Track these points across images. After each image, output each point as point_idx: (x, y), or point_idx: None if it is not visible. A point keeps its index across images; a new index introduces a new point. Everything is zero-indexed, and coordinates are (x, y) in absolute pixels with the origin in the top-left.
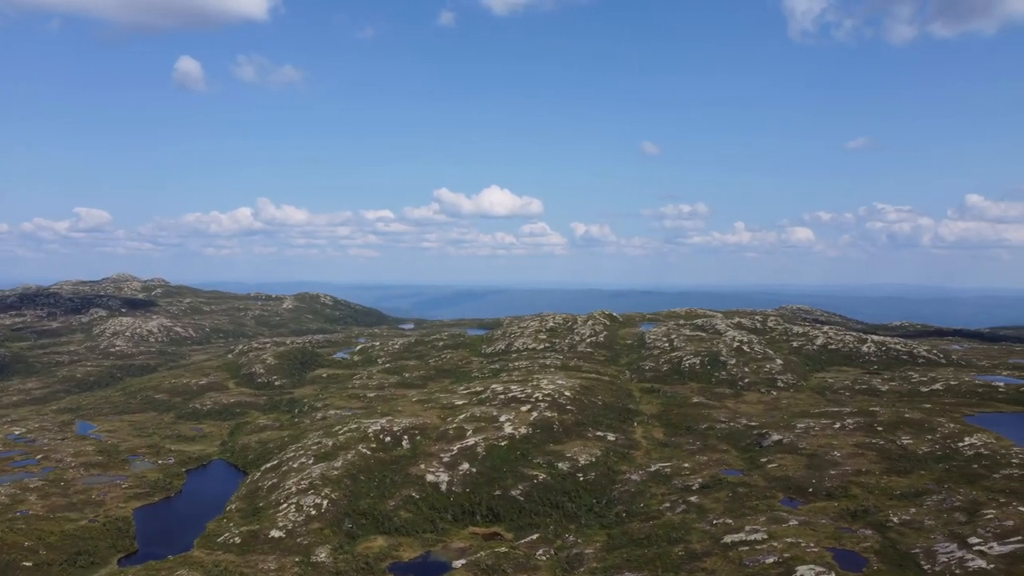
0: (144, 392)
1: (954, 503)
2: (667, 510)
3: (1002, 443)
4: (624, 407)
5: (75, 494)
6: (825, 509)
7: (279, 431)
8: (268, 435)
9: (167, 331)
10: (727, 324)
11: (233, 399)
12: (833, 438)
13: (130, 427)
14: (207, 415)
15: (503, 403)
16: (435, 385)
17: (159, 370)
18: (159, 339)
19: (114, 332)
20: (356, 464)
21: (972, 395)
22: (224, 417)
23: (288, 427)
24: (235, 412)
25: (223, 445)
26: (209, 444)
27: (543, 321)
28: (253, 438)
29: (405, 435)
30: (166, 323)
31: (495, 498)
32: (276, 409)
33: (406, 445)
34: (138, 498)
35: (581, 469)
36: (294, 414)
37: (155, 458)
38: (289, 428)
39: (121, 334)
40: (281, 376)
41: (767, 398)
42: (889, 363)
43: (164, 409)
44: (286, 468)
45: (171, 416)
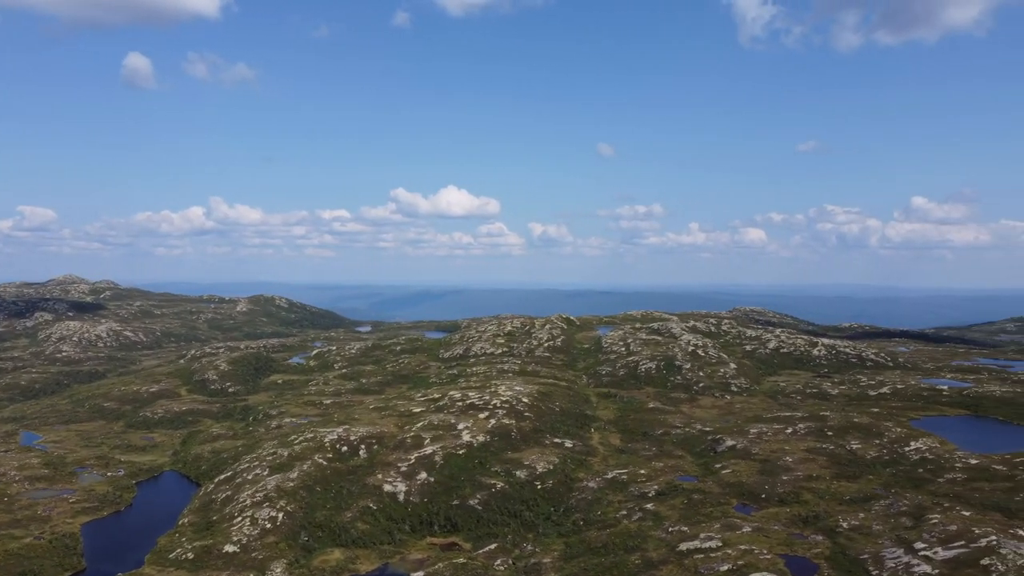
0: (92, 400)
1: (901, 508)
2: (624, 518)
3: (946, 447)
4: (581, 413)
5: (19, 510)
6: (778, 515)
7: (233, 440)
8: (222, 444)
9: (116, 336)
10: (682, 328)
11: (185, 407)
12: (785, 443)
13: (78, 437)
14: (158, 424)
15: (461, 410)
16: (393, 391)
17: (108, 377)
18: (108, 344)
19: (60, 337)
20: (312, 475)
21: (918, 398)
22: (176, 426)
23: (242, 436)
24: (187, 420)
25: (175, 455)
26: (160, 454)
27: (501, 325)
28: (206, 448)
29: (362, 444)
30: (115, 327)
31: (453, 508)
32: (230, 417)
33: (363, 454)
34: (86, 513)
35: (539, 477)
36: (248, 422)
37: (104, 470)
38: (243, 437)
39: (68, 339)
40: (235, 382)
41: (721, 402)
42: (839, 366)
43: (113, 418)
44: (240, 480)
45: (121, 425)
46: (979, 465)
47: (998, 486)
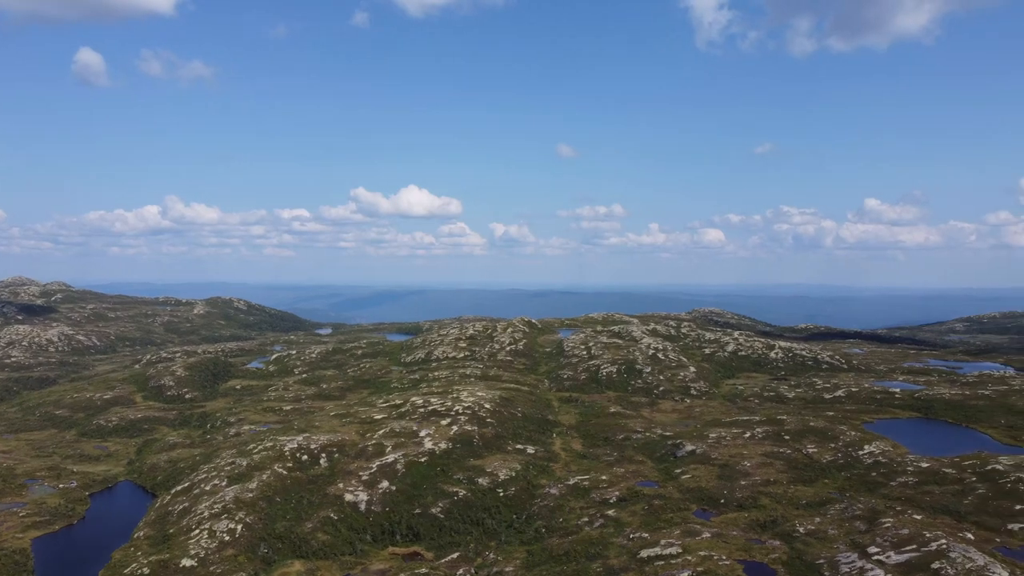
0: (43, 407)
1: (855, 512)
2: (585, 525)
3: (898, 451)
4: (543, 418)
5: None
6: (736, 520)
7: (190, 449)
8: (179, 453)
9: (69, 340)
10: (643, 331)
11: (141, 414)
12: (743, 448)
13: (28, 447)
14: (113, 432)
15: (423, 417)
16: (354, 396)
17: (60, 383)
18: (60, 349)
19: (9, 342)
20: (272, 485)
21: (871, 401)
22: (131, 434)
23: (200, 444)
24: (143, 428)
25: (130, 465)
26: (115, 464)
27: (463, 329)
28: (162, 457)
29: (323, 453)
30: (67, 331)
31: (415, 516)
32: (187, 424)
33: (324, 463)
34: (37, 527)
35: (501, 484)
36: (206, 430)
37: (56, 481)
38: (201, 445)
39: (17, 344)
40: (192, 388)
41: (681, 406)
42: (795, 368)
43: (66, 426)
44: (198, 491)
45: (73, 434)
46: (930, 468)
47: (948, 489)
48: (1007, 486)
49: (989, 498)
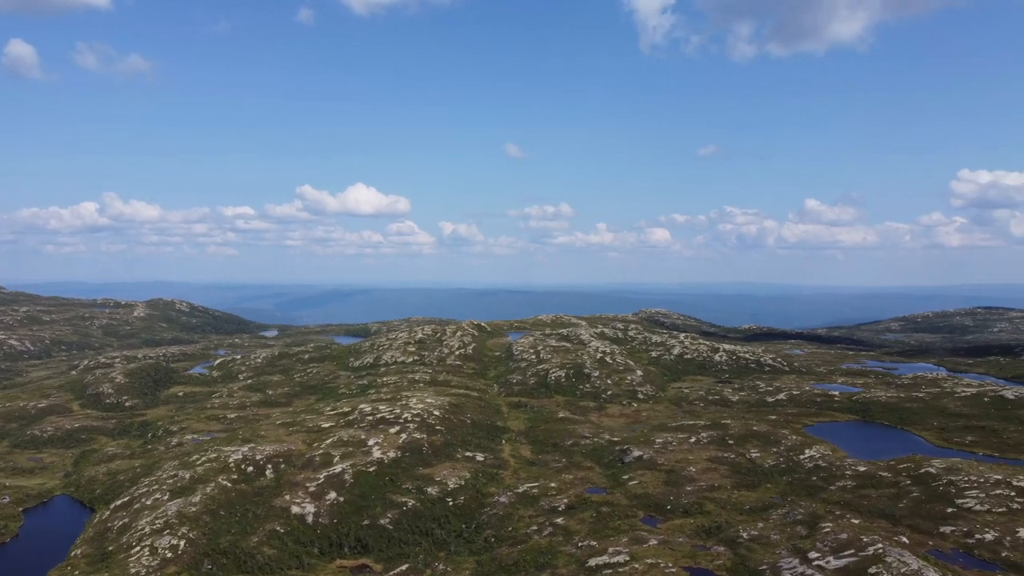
0: None
1: (796, 517)
2: (535, 533)
3: (837, 454)
4: (493, 424)
5: None
6: (682, 527)
7: (131, 460)
8: (118, 465)
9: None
10: (591, 334)
11: (78, 423)
12: (689, 453)
13: None
14: (48, 443)
15: (371, 425)
16: (300, 403)
17: None
18: None
19: None
20: (216, 498)
21: (812, 404)
22: (68, 444)
23: (141, 455)
24: (80, 439)
25: (67, 478)
26: (50, 477)
27: (412, 333)
28: (101, 469)
29: (269, 464)
30: None
31: (363, 528)
32: (127, 434)
33: (270, 475)
34: None
35: (450, 493)
36: (147, 439)
37: None
38: (142, 456)
39: None
40: (132, 396)
41: (629, 410)
42: (739, 371)
43: None
44: (139, 505)
45: (5, 445)
46: (867, 472)
47: (884, 492)
48: (939, 489)
49: (923, 501)
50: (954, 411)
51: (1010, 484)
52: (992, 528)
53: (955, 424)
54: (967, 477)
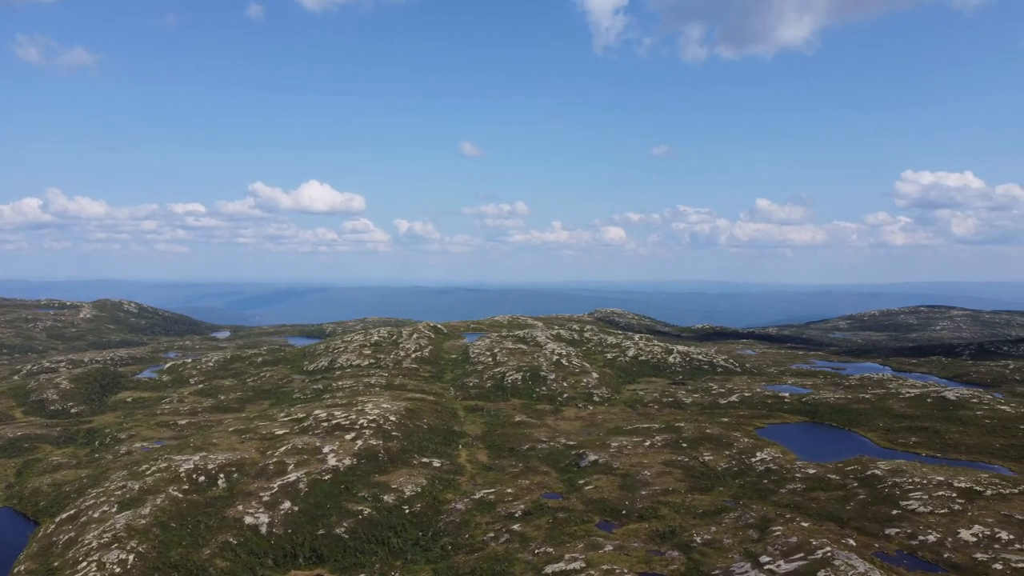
0: None
1: (748, 520)
2: (491, 540)
3: (787, 457)
4: (449, 429)
5: None
6: (637, 531)
7: (77, 470)
8: (64, 475)
9: None
10: (547, 336)
11: (21, 431)
12: (644, 456)
13: None
14: None
15: (327, 431)
16: (253, 408)
17: None
18: None
19: None
20: (166, 510)
21: (763, 406)
22: (10, 454)
23: (87, 464)
24: (23, 447)
25: (9, 489)
26: None
27: (367, 335)
28: (46, 479)
29: (221, 473)
30: None
31: (319, 538)
32: (73, 442)
33: (222, 484)
34: None
35: (407, 501)
36: (94, 448)
37: None
38: (89, 466)
39: None
40: (78, 402)
41: (584, 413)
42: (693, 373)
43: None
44: (85, 518)
45: None
46: (816, 475)
47: (832, 495)
48: (884, 491)
49: (869, 503)
50: (899, 412)
51: (951, 485)
52: (935, 529)
53: (900, 425)
54: (911, 479)
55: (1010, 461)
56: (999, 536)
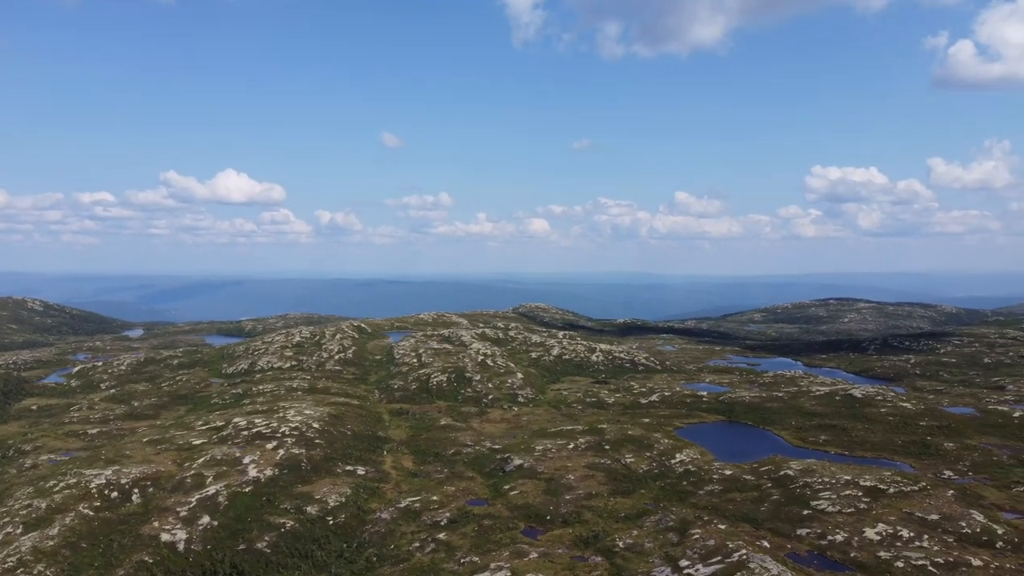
0: None
1: (668, 523)
2: (417, 550)
3: (706, 458)
4: (374, 435)
5: None
6: (561, 537)
7: None
8: None
9: None
10: (472, 335)
11: None
12: (568, 460)
13: None
14: None
15: (247, 440)
16: (169, 415)
17: None
18: None
19: None
20: (76, 529)
21: (682, 405)
22: None
23: None
24: None
25: None
26: None
27: (289, 336)
28: None
29: (136, 487)
30: None
31: (239, 553)
32: None
33: (137, 500)
34: None
35: (331, 511)
36: None
37: None
38: None
39: None
40: None
41: (510, 415)
42: (615, 371)
43: None
44: None
45: None
46: (733, 476)
47: (748, 496)
48: (796, 491)
49: (782, 504)
50: (810, 410)
51: (858, 484)
52: (842, 529)
53: (811, 423)
54: (821, 479)
55: (911, 457)
56: (901, 534)
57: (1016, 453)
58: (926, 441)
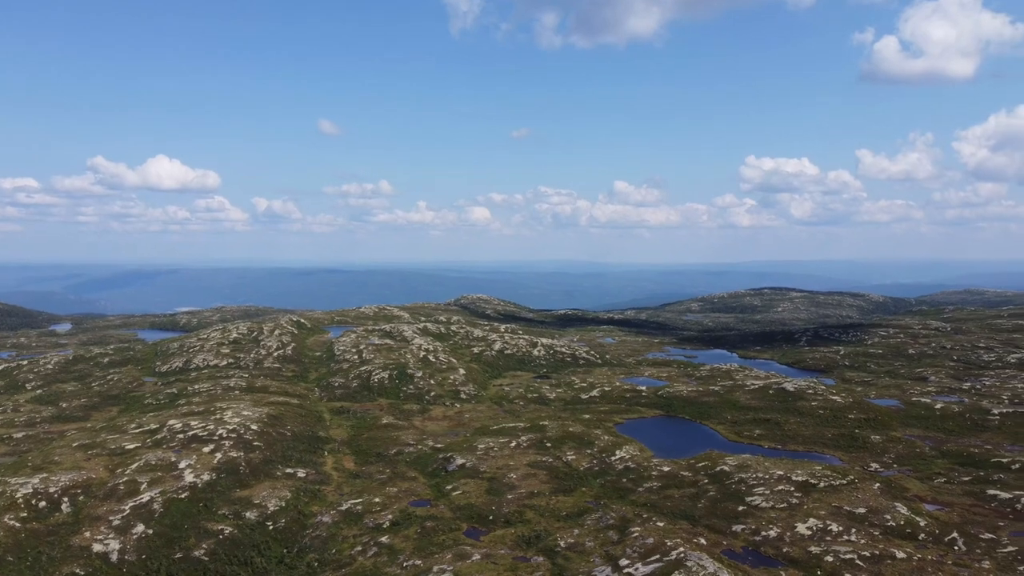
0: None
1: (609, 521)
2: (359, 554)
3: (645, 454)
4: (314, 435)
5: None
6: (504, 538)
7: None
8: None
9: None
10: (414, 330)
11: None
12: (510, 458)
13: None
14: None
15: (183, 444)
16: (100, 416)
17: None
18: None
19: None
20: (2, 542)
21: (622, 400)
22: None
23: None
24: None
25: None
26: None
27: (226, 332)
28: None
29: (65, 496)
30: None
31: (176, 562)
32: None
33: (67, 509)
34: None
35: (271, 516)
36: None
37: None
38: None
39: None
40: None
41: (452, 412)
42: (556, 366)
43: None
44: None
45: None
46: (670, 472)
47: (685, 492)
48: (732, 487)
49: (718, 500)
50: (745, 404)
51: (790, 479)
52: (775, 524)
53: (745, 417)
54: (755, 474)
55: (840, 450)
56: (830, 528)
57: (937, 444)
58: (854, 434)
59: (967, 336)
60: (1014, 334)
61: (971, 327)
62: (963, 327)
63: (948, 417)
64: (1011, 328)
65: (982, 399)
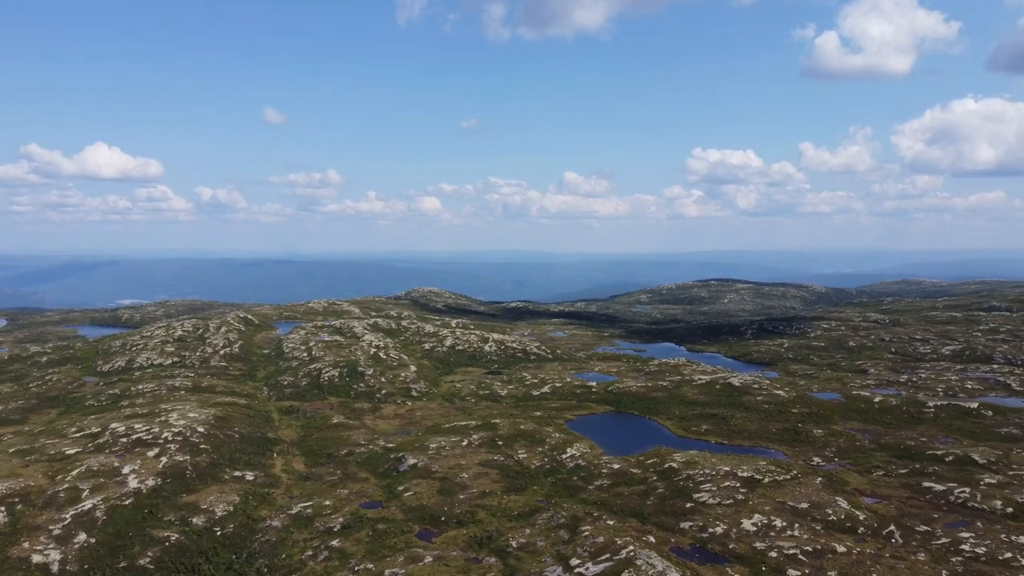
0: None
1: (560, 520)
2: (310, 559)
3: (595, 452)
4: (263, 436)
5: None
6: (456, 539)
7: None
8: None
9: None
10: (364, 326)
11: None
12: (462, 457)
13: None
14: None
15: (126, 448)
16: (38, 419)
17: None
18: None
19: None
20: None
21: (573, 396)
22: None
23: None
24: None
25: None
26: None
27: (170, 329)
28: None
29: (2, 505)
30: None
31: (120, 572)
32: None
33: (4, 519)
34: None
35: (218, 522)
36: None
37: None
38: None
39: None
40: None
41: (403, 410)
42: (507, 361)
43: None
44: None
45: None
46: (620, 470)
47: (635, 490)
48: (680, 484)
49: (667, 497)
50: (692, 399)
51: (736, 475)
52: (722, 521)
53: (693, 413)
54: (702, 470)
55: (784, 445)
56: (775, 524)
57: (876, 438)
58: (797, 428)
59: (904, 328)
60: (948, 326)
61: (908, 319)
62: (901, 319)
63: (886, 410)
64: (945, 320)
65: (918, 391)
